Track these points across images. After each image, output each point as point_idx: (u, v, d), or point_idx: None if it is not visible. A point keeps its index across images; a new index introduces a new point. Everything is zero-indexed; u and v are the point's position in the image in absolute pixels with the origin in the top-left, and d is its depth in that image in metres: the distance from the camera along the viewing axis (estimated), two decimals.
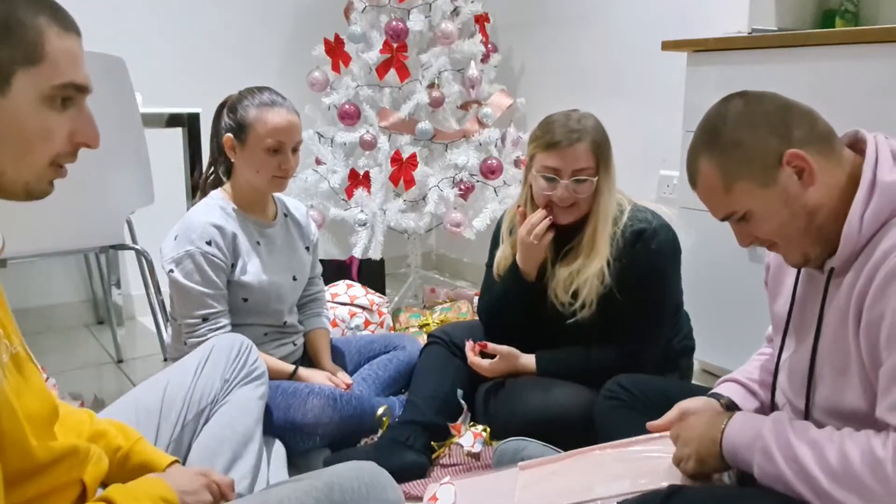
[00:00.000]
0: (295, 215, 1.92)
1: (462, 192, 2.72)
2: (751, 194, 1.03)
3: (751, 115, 1.03)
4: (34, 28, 0.78)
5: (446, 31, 2.68)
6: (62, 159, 0.84)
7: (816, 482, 0.91)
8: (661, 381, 1.57)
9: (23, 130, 0.79)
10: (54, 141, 0.82)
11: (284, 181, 1.74)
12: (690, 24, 2.38)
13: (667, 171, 2.57)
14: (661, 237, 1.67)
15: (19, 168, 0.80)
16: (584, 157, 1.63)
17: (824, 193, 1.00)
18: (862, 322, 0.95)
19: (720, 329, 2.09)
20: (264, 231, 1.80)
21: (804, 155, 0.99)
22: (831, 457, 0.92)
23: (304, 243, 1.92)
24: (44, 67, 0.79)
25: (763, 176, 1.01)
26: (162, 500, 0.93)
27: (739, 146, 1.02)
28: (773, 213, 1.02)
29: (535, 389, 1.69)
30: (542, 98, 2.97)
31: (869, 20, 2.26)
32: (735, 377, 1.29)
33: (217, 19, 2.96)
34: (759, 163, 1.01)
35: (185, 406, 1.33)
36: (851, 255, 0.98)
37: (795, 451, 0.95)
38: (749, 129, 1.02)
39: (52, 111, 0.81)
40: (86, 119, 0.84)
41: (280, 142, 1.68)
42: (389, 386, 1.91)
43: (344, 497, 0.94)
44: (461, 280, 3.46)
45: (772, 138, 1.01)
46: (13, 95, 0.78)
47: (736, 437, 1.04)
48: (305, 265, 1.92)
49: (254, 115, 1.67)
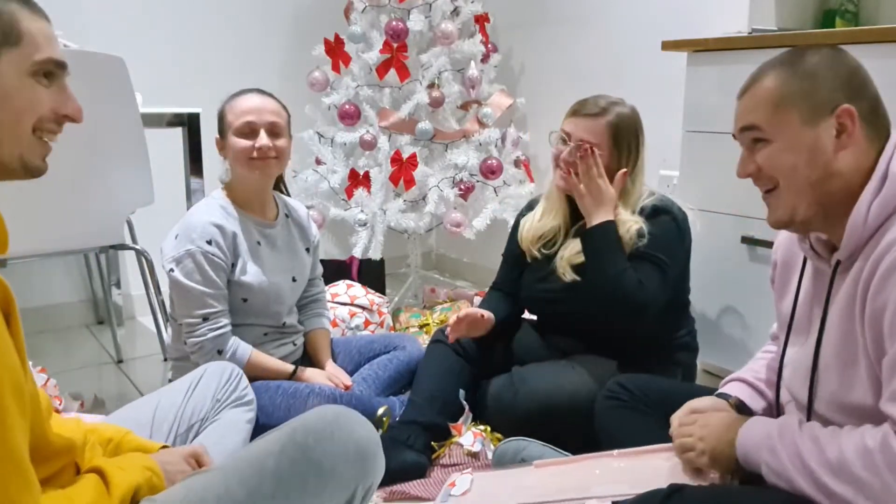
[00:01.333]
0: (296, 216, 1.92)
1: (462, 192, 2.72)
2: (789, 124, 1.03)
3: (839, 63, 1.04)
4: (7, 13, 0.86)
5: (446, 31, 2.68)
6: (45, 127, 0.90)
7: (816, 476, 0.93)
8: (663, 381, 1.57)
9: (12, 105, 0.86)
10: (39, 112, 0.88)
11: (263, 163, 1.72)
12: (690, 24, 2.38)
13: (667, 171, 2.56)
14: (680, 216, 1.75)
15: (11, 142, 0.87)
16: (593, 133, 1.70)
17: (850, 166, 1.01)
18: (866, 313, 0.95)
19: (720, 329, 2.09)
20: (265, 231, 1.80)
21: (855, 116, 1.00)
22: (829, 451, 0.93)
23: (304, 244, 1.92)
24: (24, 47, 0.86)
25: (811, 114, 1.02)
26: (145, 468, 0.98)
27: (811, 78, 1.03)
28: (796, 152, 1.02)
29: (542, 375, 1.70)
30: (542, 98, 2.97)
31: (869, 20, 2.26)
32: (742, 377, 1.29)
33: (217, 19, 2.96)
34: (816, 102, 1.02)
35: (177, 421, 1.35)
36: (856, 245, 0.99)
37: (799, 448, 0.97)
38: (830, 71, 1.03)
39: (38, 85, 0.88)
40: (68, 94, 0.91)
41: (248, 122, 1.70)
42: (390, 386, 1.91)
43: (307, 438, 0.96)
44: (461, 280, 3.46)
45: (841, 90, 1.01)
46: (1, 74, 0.85)
47: (748, 439, 1.05)
48: (305, 266, 1.91)
49: (228, 106, 1.74)
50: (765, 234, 1.96)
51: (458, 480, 1.41)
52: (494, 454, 1.60)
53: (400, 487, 1.58)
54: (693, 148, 2.16)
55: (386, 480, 1.57)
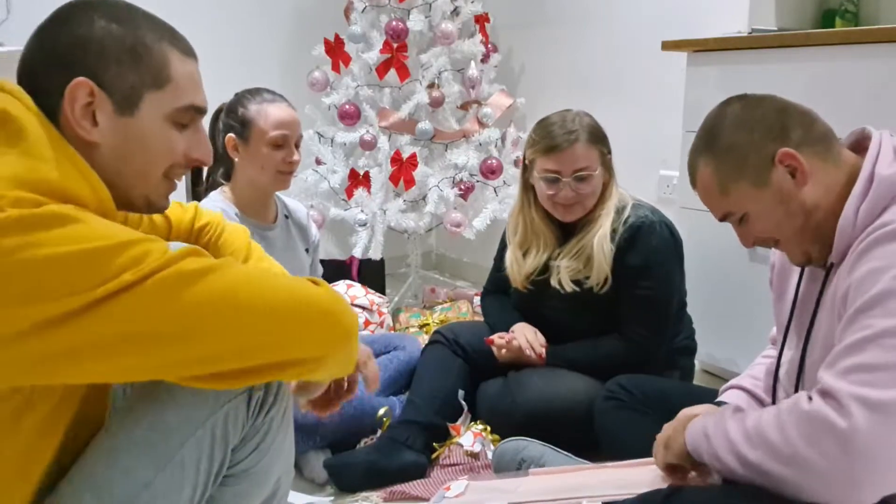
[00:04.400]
0: (296, 217, 1.92)
1: (462, 192, 2.72)
2: (746, 195, 1.05)
3: (747, 118, 1.05)
4: (160, 53, 0.87)
5: (446, 31, 2.68)
6: (175, 172, 0.92)
7: (736, 447, 0.93)
8: (662, 382, 1.57)
9: (149, 148, 0.87)
10: (173, 158, 0.90)
11: (288, 177, 1.74)
12: (690, 24, 2.38)
13: (667, 171, 2.57)
14: (659, 232, 1.69)
15: (142, 184, 0.89)
16: (584, 156, 1.66)
17: (821, 193, 1.01)
18: (846, 307, 0.95)
19: (720, 329, 2.09)
20: (264, 234, 1.79)
21: (796, 154, 1.01)
22: (748, 421, 0.94)
23: (303, 245, 1.91)
24: (168, 90, 0.87)
25: (757, 176, 1.03)
26: None
27: (734, 150, 1.04)
28: (769, 213, 1.04)
29: (538, 380, 1.70)
30: (542, 98, 2.96)
31: (869, 20, 2.26)
32: (740, 384, 1.28)
33: (217, 19, 2.96)
34: (753, 164, 1.03)
35: None
36: (847, 247, 0.99)
37: (726, 426, 0.97)
38: (744, 132, 1.04)
39: (174, 130, 0.89)
40: (201, 138, 0.93)
41: (284, 135, 1.68)
42: (389, 386, 1.91)
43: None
44: (461, 280, 3.46)
45: (767, 141, 1.02)
46: (141, 116, 0.86)
47: (692, 428, 1.05)
48: (304, 267, 1.91)
49: (256, 111, 1.68)
50: None
51: (453, 485, 1.43)
52: (494, 454, 1.60)
53: (400, 487, 1.58)
54: None
55: (386, 480, 1.59)
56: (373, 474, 1.59)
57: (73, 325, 0.71)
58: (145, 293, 0.74)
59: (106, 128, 0.85)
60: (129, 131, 0.86)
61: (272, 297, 0.81)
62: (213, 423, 0.88)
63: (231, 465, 0.93)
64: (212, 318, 0.77)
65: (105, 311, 0.72)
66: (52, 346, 0.71)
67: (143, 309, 0.74)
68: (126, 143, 0.86)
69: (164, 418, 0.87)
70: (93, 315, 0.72)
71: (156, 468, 0.86)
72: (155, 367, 0.77)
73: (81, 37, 0.83)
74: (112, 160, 0.86)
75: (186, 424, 0.87)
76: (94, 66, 0.83)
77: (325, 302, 0.85)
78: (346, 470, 1.60)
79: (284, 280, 0.86)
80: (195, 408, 0.87)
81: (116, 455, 0.86)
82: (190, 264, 0.77)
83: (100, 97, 0.83)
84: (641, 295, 1.67)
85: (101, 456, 0.86)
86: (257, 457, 0.95)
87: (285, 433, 0.99)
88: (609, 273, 1.68)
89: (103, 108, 0.84)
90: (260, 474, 0.97)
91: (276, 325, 0.81)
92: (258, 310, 0.79)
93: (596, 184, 1.70)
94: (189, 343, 0.76)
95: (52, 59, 0.83)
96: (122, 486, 0.85)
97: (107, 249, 0.73)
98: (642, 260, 1.67)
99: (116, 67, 0.84)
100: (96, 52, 0.83)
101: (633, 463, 1.29)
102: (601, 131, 1.72)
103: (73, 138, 0.83)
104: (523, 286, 1.82)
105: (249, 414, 0.92)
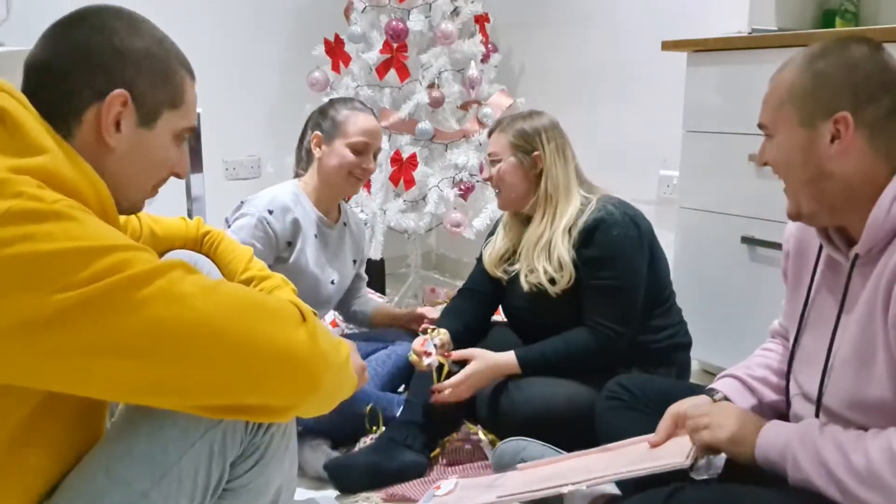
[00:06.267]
0: (354, 228, 2.01)
1: (462, 192, 2.72)
2: (788, 121, 1.03)
3: (857, 66, 1.00)
4: (181, 78, 0.95)
5: (446, 32, 2.68)
6: (161, 182, 0.99)
7: (844, 485, 0.92)
8: (663, 382, 1.56)
9: (153, 160, 0.95)
10: (167, 171, 0.98)
11: (359, 183, 1.84)
12: (690, 24, 2.38)
13: (667, 171, 2.57)
14: (621, 223, 1.68)
15: (134, 191, 0.95)
16: (496, 146, 1.79)
17: (848, 171, 0.99)
18: (890, 310, 0.94)
19: (719, 329, 2.09)
20: (323, 229, 1.88)
21: (850, 126, 0.98)
22: (855, 458, 0.92)
23: (353, 255, 2.00)
24: (181, 111, 0.95)
25: (808, 116, 1.01)
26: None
27: (819, 80, 1.01)
28: (790, 151, 1.03)
29: (537, 380, 1.69)
30: (542, 98, 2.96)
31: (869, 20, 2.26)
32: (735, 373, 1.28)
33: (217, 19, 2.96)
34: (816, 104, 1.01)
35: None
36: (876, 239, 0.97)
37: (823, 456, 0.95)
38: (841, 73, 1.00)
39: (174, 146, 0.97)
40: (184, 154, 1.00)
41: (366, 143, 1.81)
42: (388, 382, 1.90)
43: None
44: (461, 280, 3.42)
45: (848, 96, 0.99)
46: (156, 131, 0.93)
47: (768, 448, 1.03)
48: (348, 275, 1.98)
49: (345, 115, 1.82)
50: (765, 234, 1.96)
51: (443, 484, 1.44)
52: (494, 454, 1.59)
53: (399, 488, 1.58)
54: (693, 148, 2.15)
55: (386, 481, 1.59)
56: (374, 475, 1.59)
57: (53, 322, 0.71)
58: (109, 303, 0.73)
59: (125, 136, 0.90)
60: (141, 142, 0.92)
61: (245, 333, 0.79)
62: (212, 438, 0.89)
63: (230, 479, 0.93)
64: (169, 343, 0.75)
65: (70, 316, 0.71)
66: (27, 345, 0.71)
67: (104, 319, 0.72)
68: (136, 152, 0.91)
69: (162, 431, 0.87)
70: (59, 319, 0.71)
71: (153, 480, 0.86)
72: (116, 384, 0.76)
73: (122, 49, 0.89)
74: (116, 165, 0.90)
75: (184, 437, 0.88)
76: (132, 78, 0.89)
77: (298, 348, 0.82)
78: (346, 472, 1.60)
79: (265, 315, 0.82)
80: (193, 421, 0.87)
81: (114, 466, 0.86)
82: (173, 282, 0.76)
83: (129, 108, 0.89)
84: (603, 285, 1.67)
85: (99, 466, 0.86)
86: (257, 472, 0.95)
87: (286, 447, 0.99)
88: (560, 270, 1.69)
89: (128, 119, 0.89)
90: (260, 488, 0.97)
91: (240, 367, 0.78)
92: (227, 345, 0.78)
93: (504, 172, 1.76)
94: (148, 363, 0.75)
95: (89, 64, 0.87)
96: (118, 497, 0.85)
97: (90, 251, 0.74)
98: (602, 251, 1.66)
99: (150, 84, 0.91)
100: (135, 66, 0.89)
101: (616, 445, 1.29)
102: (532, 131, 1.76)
103: (88, 139, 0.87)
104: (496, 272, 1.86)
105: (248, 430, 0.92)
